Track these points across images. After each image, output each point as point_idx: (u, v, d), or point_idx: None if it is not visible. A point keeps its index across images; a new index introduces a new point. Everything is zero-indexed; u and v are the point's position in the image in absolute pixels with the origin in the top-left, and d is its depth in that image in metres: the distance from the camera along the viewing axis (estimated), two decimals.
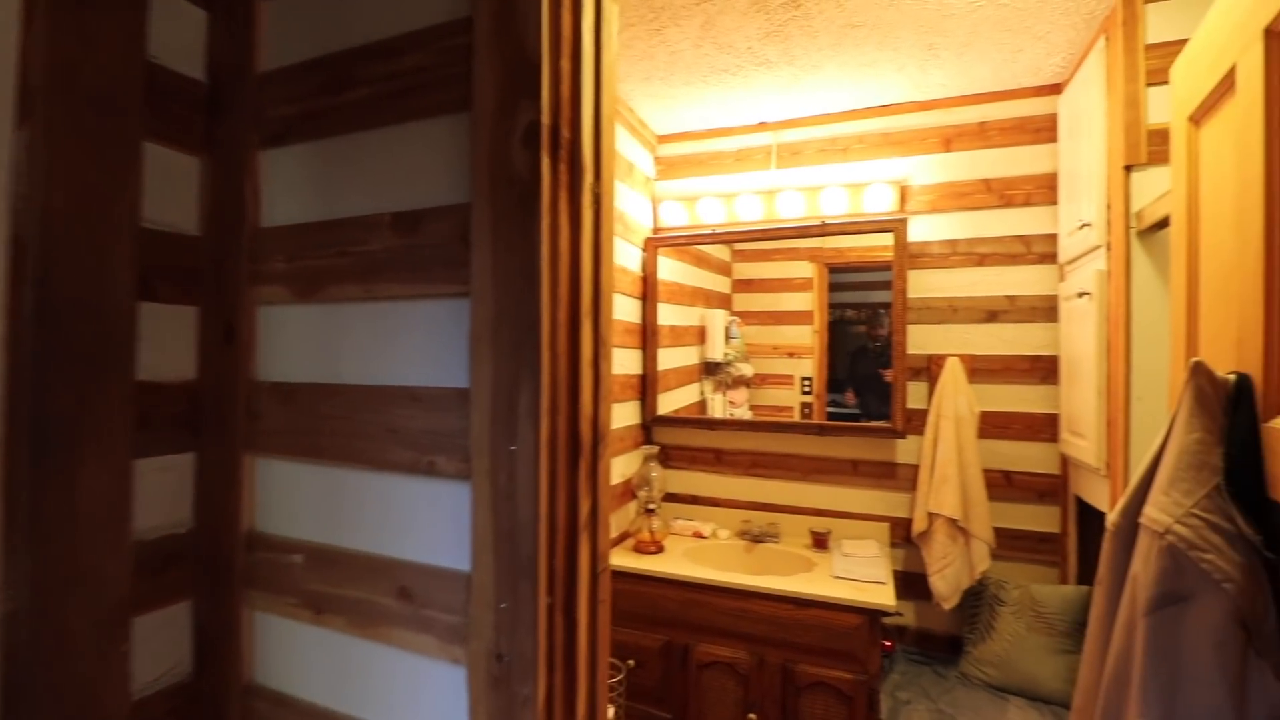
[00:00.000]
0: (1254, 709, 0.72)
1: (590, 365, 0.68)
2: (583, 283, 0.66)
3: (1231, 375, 0.84)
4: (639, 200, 2.47)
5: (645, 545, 2.19)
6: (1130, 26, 1.58)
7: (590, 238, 0.67)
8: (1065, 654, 1.98)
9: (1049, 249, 2.15)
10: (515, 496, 0.62)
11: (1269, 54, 0.79)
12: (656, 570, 2.02)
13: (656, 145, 2.62)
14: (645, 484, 2.32)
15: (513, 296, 0.63)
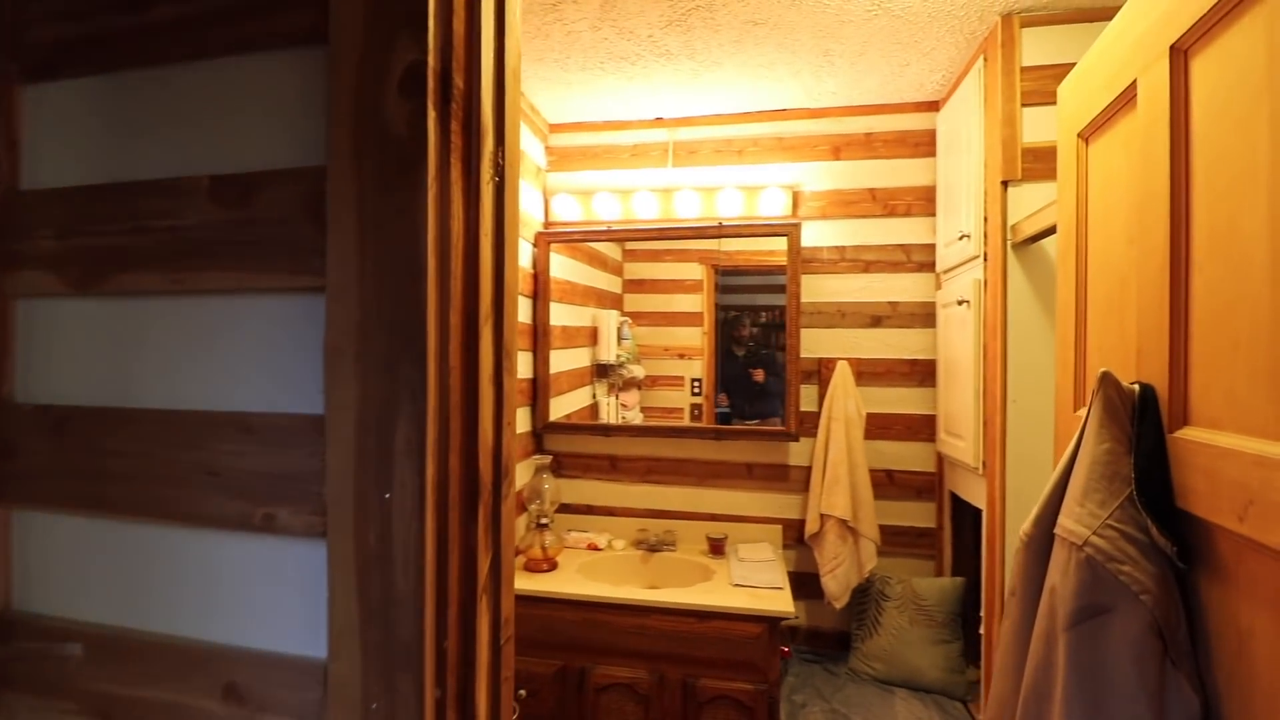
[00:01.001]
0: (1172, 717, 0.72)
1: (491, 382, 0.53)
2: (482, 278, 0.52)
3: (1135, 385, 0.86)
4: (530, 191, 2.30)
5: (537, 563, 2.03)
6: (1009, 48, 1.67)
7: (491, 220, 0.53)
8: (943, 644, 2.08)
9: (927, 258, 2.26)
10: (390, 560, 0.46)
11: (1174, 70, 0.80)
12: (550, 591, 1.88)
13: (549, 134, 2.46)
14: (537, 496, 2.16)
15: (387, 293, 0.47)
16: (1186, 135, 0.79)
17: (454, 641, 0.48)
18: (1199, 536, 0.75)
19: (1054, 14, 1.64)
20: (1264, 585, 0.64)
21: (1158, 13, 0.83)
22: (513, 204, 0.56)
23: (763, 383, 2.41)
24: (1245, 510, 0.65)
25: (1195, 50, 0.77)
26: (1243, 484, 0.65)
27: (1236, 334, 0.69)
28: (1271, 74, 0.63)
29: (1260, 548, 0.64)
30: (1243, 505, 0.65)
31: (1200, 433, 0.75)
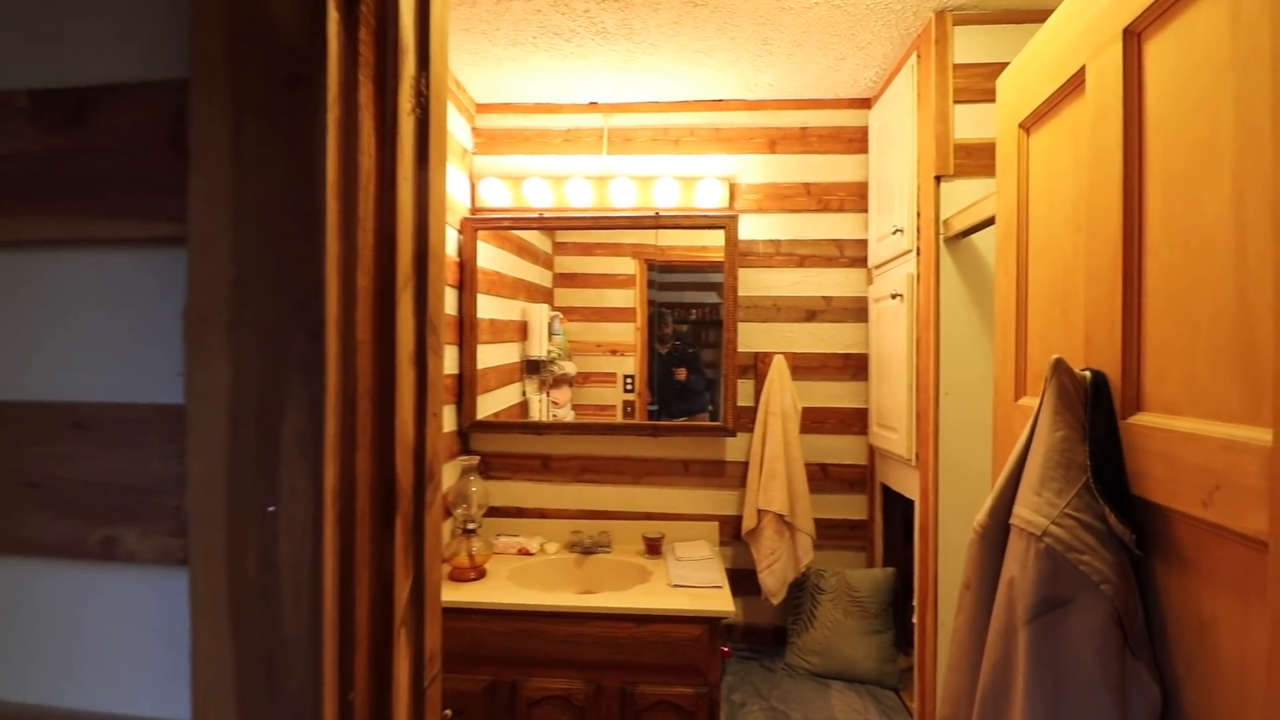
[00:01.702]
0: (1134, 708, 0.71)
1: (411, 363, 0.43)
2: (400, 231, 0.41)
3: (1087, 372, 0.85)
4: (455, 174, 2.15)
5: (463, 572, 1.89)
6: (942, 45, 1.69)
7: (412, 161, 0.42)
8: (876, 634, 2.11)
9: (860, 253, 2.29)
10: (277, 592, 0.36)
11: (1127, 54, 0.79)
12: (477, 601, 1.75)
13: (475, 115, 2.32)
14: (463, 500, 2.02)
15: (273, 245, 0.36)
16: (1140, 119, 0.78)
17: (363, 692, 0.37)
18: (1156, 523, 0.74)
19: (984, 14, 1.68)
20: (1227, 571, 0.63)
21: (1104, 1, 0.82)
22: (439, 145, 0.45)
23: (685, 381, 2.36)
24: (1210, 495, 0.64)
25: (1150, 33, 0.76)
26: (1208, 469, 0.64)
27: (1197, 318, 0.68)
28: (1236, 53, 0.62)
29: (1225, 533, 0.62)
30: (1207, 490, 0.64)
31: (1157, 418, 0.74)
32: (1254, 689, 0.59)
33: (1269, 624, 0.56)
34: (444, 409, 1.98)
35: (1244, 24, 0.61)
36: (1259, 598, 0.58)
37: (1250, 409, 0.60)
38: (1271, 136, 0.57)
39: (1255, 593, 0.59)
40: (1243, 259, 0.62)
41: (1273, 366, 0.56)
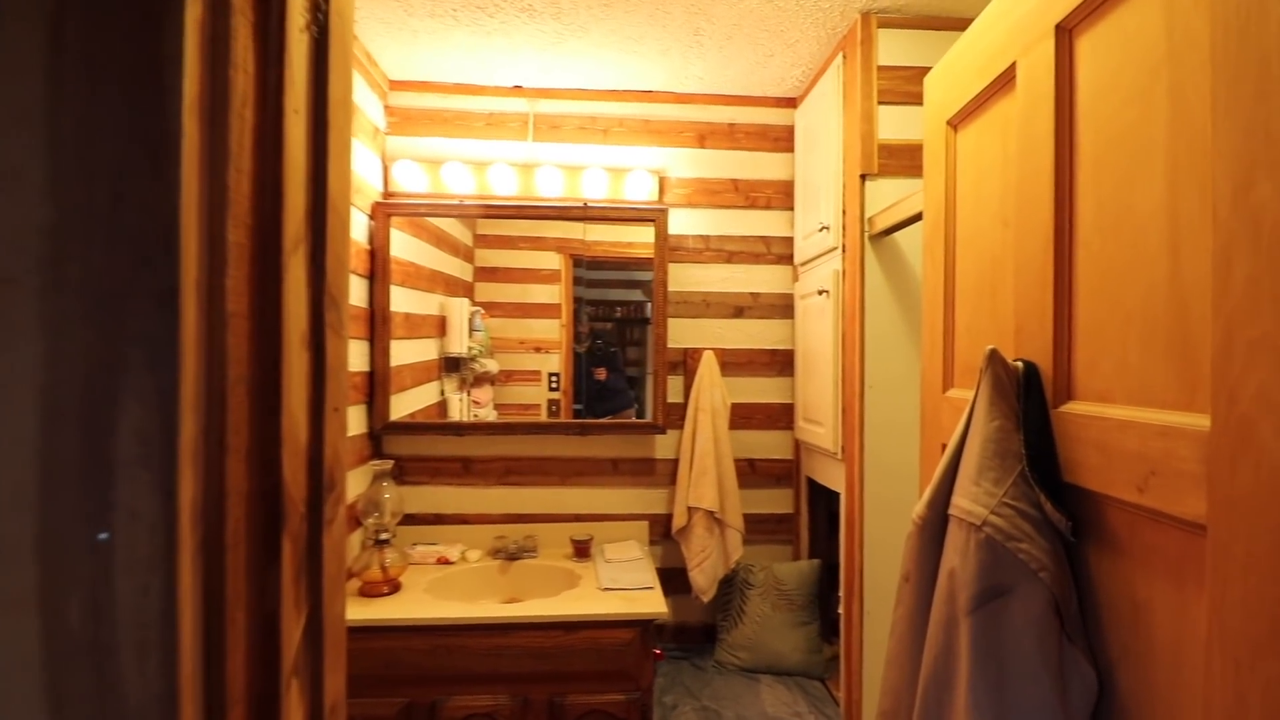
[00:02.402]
0: (1073, 694, 0.72)
1: (305, 345, 0.35)
2: (289, 178, 0.33)
3: (1019, 363, 0.86)
4: (365, 154, 1.99)
5: (375, 586, 1.75)
6: (867, 46, 1.72)
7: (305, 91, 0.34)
8: (803, 626, 2.13)
9: (786, 251, 2.31)
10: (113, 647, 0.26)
11: (1059, 50, 0.81)
12: (390, 618, 1.61)
13: (389, 92, 2.16)
14: (375, 508, 1.87)
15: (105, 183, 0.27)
16: (1072, 114, 0.80)
17: None
18: (1089, 510, 0.75)
19: (907, 18, 1.72)
20: (1162, 555, 0.64)
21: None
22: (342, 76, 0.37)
23: (605, 381, 2.29)
24: (1146, 481, 0.65)
25: (1082, 29, 0.77)
26: (1143, 455, 0.65)
27: (1129, 308, 0.69)
28: (1171, 46, 0.63)
29: (1161, 518, 0.63)
30: (1143, 476, 0.65)
31: (1089, 407, 0.75)
32: (1190, 669, 0.60)
33: (1208, 605, 0.57)
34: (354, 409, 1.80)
35: (1179, 18, 0.62)
36: (1195, 580, 0.59)
37: (1185, 395, 0.61)
38: (1207, 128, 0.58)
39: (1191, 575, 0.60)
40: (1176, 249, 0.63)
41: (1210, 353, 0.57)
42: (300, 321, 0.34)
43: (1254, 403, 0.52)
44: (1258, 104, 0.52)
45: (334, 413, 0.37)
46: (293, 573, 0.32)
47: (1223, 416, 0.55)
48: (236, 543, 0.29)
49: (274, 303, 0.32)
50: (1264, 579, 0.51)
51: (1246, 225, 0.53)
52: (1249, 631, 0.52)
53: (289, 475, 0.32)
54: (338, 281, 0.37)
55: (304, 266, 0.34)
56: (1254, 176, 0.52)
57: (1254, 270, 0.52)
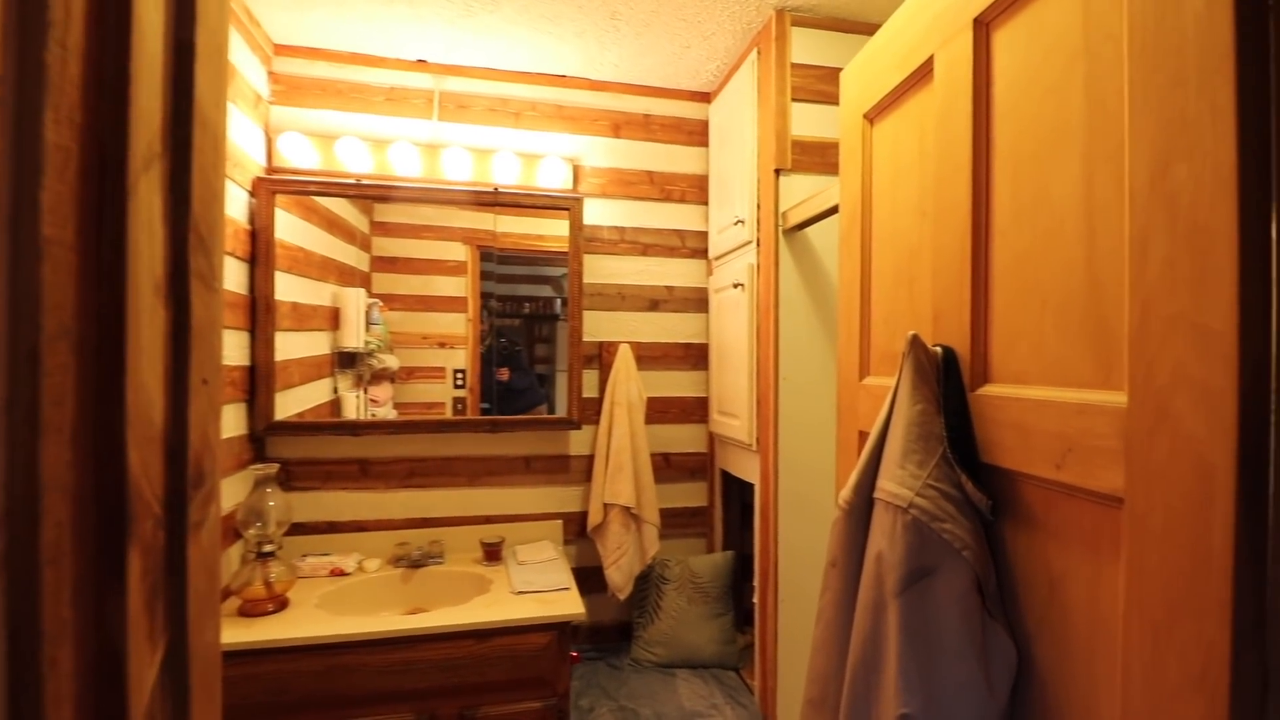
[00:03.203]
0: (995, 668, 0.74)
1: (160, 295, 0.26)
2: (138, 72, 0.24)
3: (938, 348, 0.88)
4: (245, 124, 1.78)
5: (258, 604, 1.56)
6: (781, 42, 1.74)
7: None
8: (718, 617, 2.15)
9: (700, 245, 2.32)
10: None
11: (977, 43, 0.83)
12: (276, 639, 1.44)
13: (273, 57, 1.94)
14: (258, 518, 1.68)
15: None
16: (988, 107, 0.82)
17: None
18: (1006, 488, 0.78)
19: (818, 19, 1.76)
20: (1078, 529, 0.67)
21: None
22: None
23: (508, 381, 2.19)
24: (1063, 458, 0.67)
25: (999, 23, 0.80)
26: (1060, 433, 0.67)
27: (1045, 293, 0.72)
28: (1088, 40, 0.66)
29: (1077, 492, 0.66)
30: (1060, 454, 0.67)
31: (1006, 389, 0.78)
32: (1105, 636, 0.63)
33: (1124, 573, 0.59)
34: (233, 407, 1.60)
35: (1095, 11, 0.65)
36: (1111, 550, 0.62)
37: (1102, 374, 0.63)
38: (1123, 117, 0.60)
39: (1107, 546, 0.62)
40: (1092, 236, 0.65)
41: (1127, 332, 0.59)
42: (154, 264, 0.25)
43: (1170, 377, 0.54)
44: (1173, 91, 0.54)
45: (202, 385, 0.28)
46: (143, 594, 0.24)
47: (1140, 393, 0.57)
48: (58, 556, 0.21)
49: (116, 234, 0.23)
50: (1179, 546, 0.53)
51: (1163, 208, 0.55)
52: (1165, 597, 0.55)
53: (137, 465, 0.24)
54: (207, 217, 0.29)
55: (160, 191, 0.25)
56: (1170, 160, 0.55)
57: (1170, 251, 0.55)
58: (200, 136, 0.28)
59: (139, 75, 0.24)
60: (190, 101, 0.27)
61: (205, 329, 0.29)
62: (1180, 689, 0.53)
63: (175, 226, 0.27)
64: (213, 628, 0.30)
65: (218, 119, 0.30)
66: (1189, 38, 0.53)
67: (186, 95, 0.27)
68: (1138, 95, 0.58)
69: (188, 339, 0.27)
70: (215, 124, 0.30)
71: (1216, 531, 0.51)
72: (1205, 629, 0.51)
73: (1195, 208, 0.53)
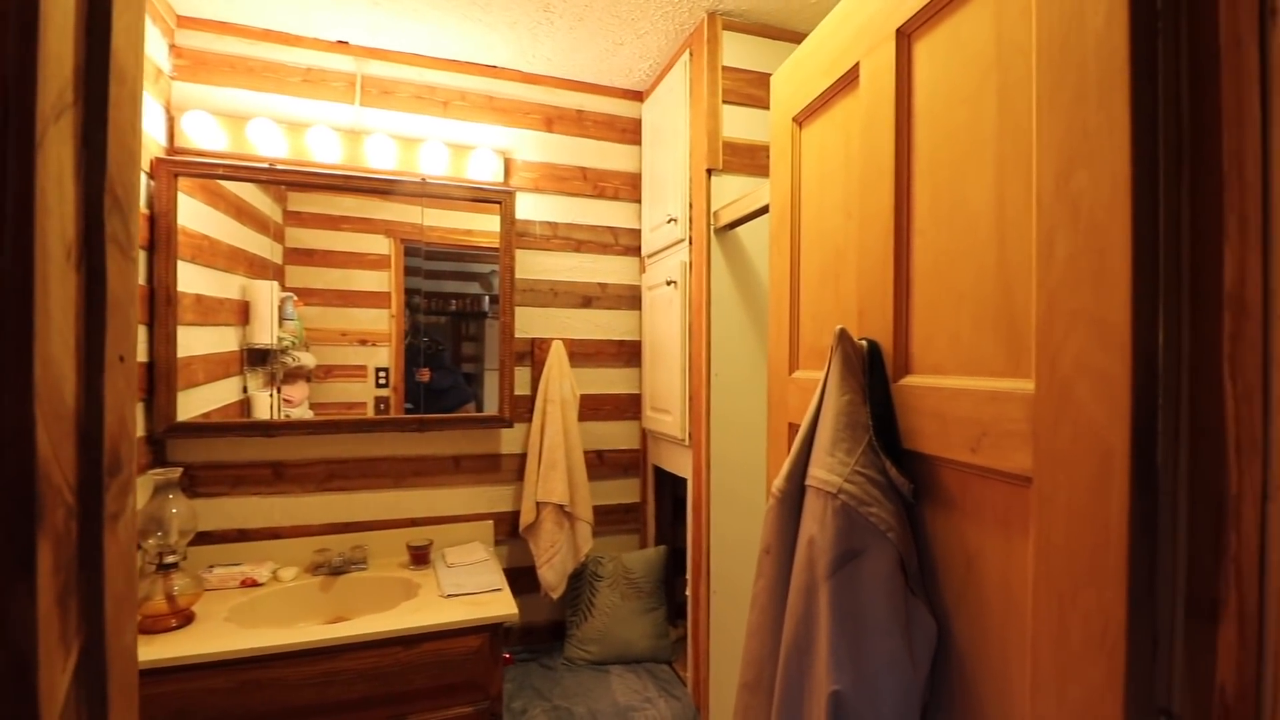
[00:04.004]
0: (917, 642, 0.78)
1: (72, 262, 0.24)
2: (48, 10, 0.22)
3: (863, 341, 0.92)
4: (144, 99, 1.63)
5: (160, 620, 1.44)
6: (713, 45, 1.78)
7: None
8: (651, 612, 2.16)
9: (633, 243, 2.33)
10: None
11: (899, 53, 0.88)
12: (180, 656, 1.34)
13: (176, 29, 1.79)
14: (158, 526, 1.55)
15: None
16: (910, 113, 0.87)
17: None
18: (926, 472, 0.82)
19: (748, 24, 1.81)
20: (991, 508, 0.72)
21: (878, 2, 0.90)
22: None
23: (430, 382, 2.12)
24: (978, 442, 0.72)
25: (920, 34, 0.85)
26: (975, 419, 0.72)
27: (961, 289, 0.77)
28: (1000, 53, 0.71)
29: (991, 474, 0.71)
30: (976, 438, 0.72)
31: (926, 379, 0.83)
32: (1016, 608, 0.68)
33: (1033, 548, 0.64)
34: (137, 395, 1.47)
35: (1007, 28, 0.70)
36: (1021, 527, 0.67)
37: (1012, 364, 0.69)
38: (1032, 125, 0.65)
39: (1017, 523, 0.68)
40: (1003, 236, 0.70)
41: (1034, 325, 0.64)
42: (65, 225, 0.22)
43: (1073, 366, 0.59)
44: (1076, 104, 0.60)
45: (119, 363, 0.26)
46: (55, 591, 0.21)
47: (1046, 380, 0.62)
48: None
49: (23, 190, 0.21)
50: (1081, 521, 0.59)
51: (1067, 210, 0.60)
52: (1069, 568, 0.60)
53: (46, 448, 0.21)
54: (124, 179, 0.26)
55: (71, 145, 0.23)
56: (1073, 167, 0.60)
57: (1073, 249, 0.60)
58: (116, 89, 0.25)
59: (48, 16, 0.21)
60: (107, 49, 0.24)
61: (122, 300, 0.26)
62: (1083, 653, 0.58)
63: (89, 185, 0.24)
64: (131, 629, 0.27)
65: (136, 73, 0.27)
66: (1090, 55, 0.58)
67: (103, 42, 0.24)
68: (1045, 106, 0.63)
69: (103, 310, 0.25)
70: (133, 78, 0.27)
71: (1114, 507, 0.56)
72: (1104, 596, 0.57)
73: (1095, 210, 0.58)
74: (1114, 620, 0.56)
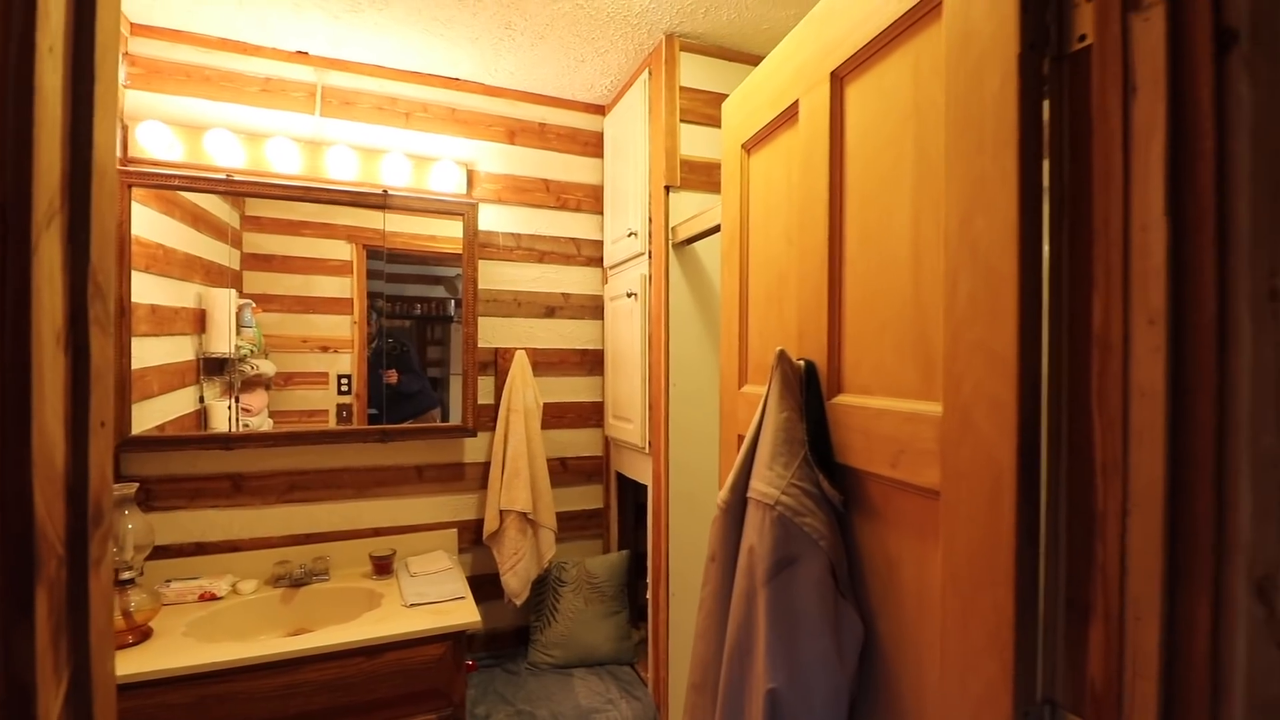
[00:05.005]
0: (845, 642, 0.85)
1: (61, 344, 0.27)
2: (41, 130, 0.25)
3: (801, 361, 0.99)
4: None
5: (116, 637, 1.43)
6: (671, 65, 1.83)
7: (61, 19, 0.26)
8: (613, 615, 2.21)
9: (596, 254, 2.37)
10: None
11: (834, 94, 0.94)
12: (136, 673, 1.33)
13: (130, 37, 1.77)
14: (113, 543, 1.53)
15: None
16: (842, 149, 0.94)
17: None
18: (855, 485, 0.89)
19: (705, 46, 1.87)
20: (908, 518, 0.79)
21: (820, 43, 0.97)
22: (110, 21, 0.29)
23: (397, 385, 2.13)
24: (897, 458, 0.79)
25: (852, 78, 0.92)
26: (894, 437, 0.79)
27: (884, 316, 0.84)
28: (917, 103, 0.78)
29: (907, 487, 0.78)
30: (895, 454, 0.79)
31: (855, 398, 0.89)
32: (929, 608, 0.75)
33: (941, 555, 0.71)
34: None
35: (923, 80, 0.77)
36: (932, 536, 0.74)
37: (925, 387, 0.76)
38: (940, 173, 0.72)
39: (929, 532, 0.74)
40: (918, 269, 0.77)
41: (943, 354, 0.71)
42: (55, 315, 0.26)
43: (972, 392, 0.66)
44: (975, 156, 0.67)
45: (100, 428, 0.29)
46: (50, 631, 0.25)
47: (951, 404, 0.69)
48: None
49: (20, 290, 0.24)
50: (980, 531, 0.66)
51: (967, 251, 0.67)
52: (970, 574, 0.67)
53: (42, 509, 0.25)
54: (104, 266, 0.29)
55: (60, 245, 0.26)
56: (972, 212, 0.67)
57: (972, 287, 0.67)
58: (98, 188, 0.29)
59: (41, 139, 0.25)
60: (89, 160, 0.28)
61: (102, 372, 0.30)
62: (982, 648, 0.65)
63: (75, 275, 0.28)
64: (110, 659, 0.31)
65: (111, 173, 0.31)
66: (988, 113, 0.65)
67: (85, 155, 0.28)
68: (952, 155, 0.70)
69: (87, 384, 0.28)
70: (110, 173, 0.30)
71: (1003, 517, 0.63)
72: (997, 597, 0.64)
73: (990, 253, 0.65)
74: (1005, 619, 0.63)
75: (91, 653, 0.28)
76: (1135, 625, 0.55)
